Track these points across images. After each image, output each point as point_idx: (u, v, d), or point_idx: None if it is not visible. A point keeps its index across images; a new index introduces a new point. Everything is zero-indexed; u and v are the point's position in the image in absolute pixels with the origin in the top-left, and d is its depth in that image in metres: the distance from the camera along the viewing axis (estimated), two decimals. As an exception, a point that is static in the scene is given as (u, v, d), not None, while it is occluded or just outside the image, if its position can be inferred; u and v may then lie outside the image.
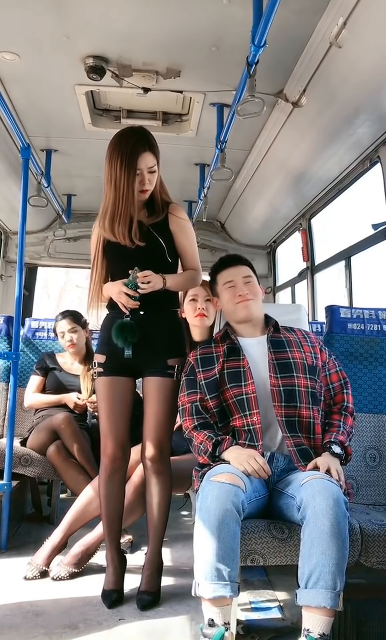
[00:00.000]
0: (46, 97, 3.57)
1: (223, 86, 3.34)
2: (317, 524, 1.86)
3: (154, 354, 2.52)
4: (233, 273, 2.48)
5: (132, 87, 3.34)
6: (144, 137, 2.46)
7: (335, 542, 1.84)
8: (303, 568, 1.86)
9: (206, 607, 1.87)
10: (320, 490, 1.91)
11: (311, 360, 2.37)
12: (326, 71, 2.94)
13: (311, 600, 1.81)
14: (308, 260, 4.83)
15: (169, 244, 2.55)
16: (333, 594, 1.80)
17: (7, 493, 3.11)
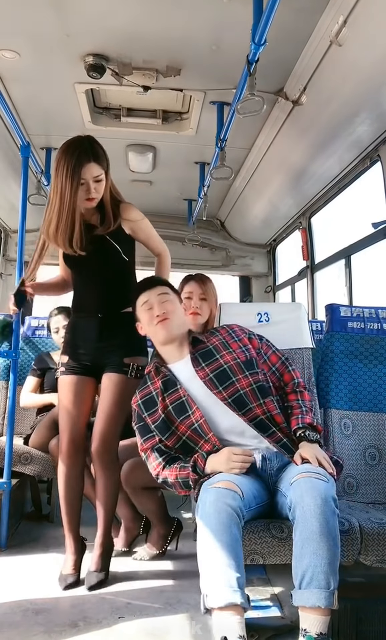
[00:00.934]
0: (46, 95, 3.57)
1: (223, 84, 3.33)
2: (306, 524, 1.86)
3: (112, 353, 2.68)
4: (147, 294, 2.45)
5: (132, 85, 3.34)
6: (89, 147, 2.53)
7: (326, 541, 1.83)
8: (296, 569, 1.86)
9: (218, 620, 1.81)
10: (308, 490, 1.90)
11: (244, 355, 2.35)
12: (327, 69, 2.94)
13: (306, 600, 1.81)
14: (308, 259, 4.83)
15: (124, 244, 2.71)
16: (327, 593, 1.80)
17: (7, 491, 3.11)
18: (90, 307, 2.76)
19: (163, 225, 5.80)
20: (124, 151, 4.39)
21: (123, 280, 2.75)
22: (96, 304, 2.75)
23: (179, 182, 5.02)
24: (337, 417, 2.80)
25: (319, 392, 2.83)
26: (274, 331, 2.83)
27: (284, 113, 3.48)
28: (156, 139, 4.20)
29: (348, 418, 2.82)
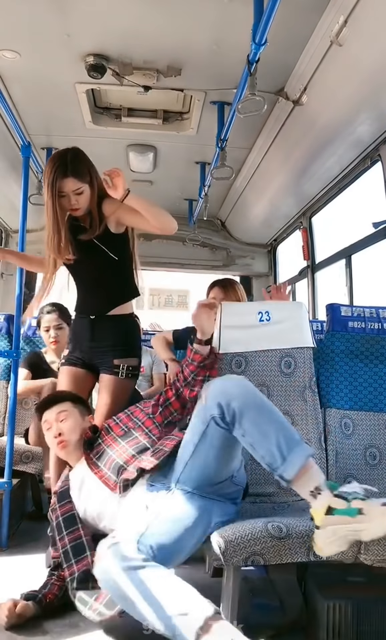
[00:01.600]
0: (47, 95, 3.57)
1: (224, 84, 3.34)
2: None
3: (104, 354, 2.83)
4: (48, 414, 2.50)
5: (133, 85, 3.34)
6: (70, 161, 2.64)
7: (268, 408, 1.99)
8: (269, 448, 1.91)
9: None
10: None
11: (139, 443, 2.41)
12: (327, 69, 2.94)
13: (300, 459, 1.89)
14: (308, 259, 4.83)
15: (112, 244, 2.78)
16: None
17: (8, 491, 3.12)
18: (85, 308, 2.92)
19: (164, 225, 5.80)
20: (124, 151, 4.39)
21: (113, 281, 2.86)
22: (89, 306, 2.91)
23: (179, 182, 5.02)
24: (338, 417, 2.80)
25: (320, 391, 2.83)
26: (275, 330, 2.84)
27: (285, 113, 3.49)
28: (157, 139, 4.20)
29: (349, 418, 2.82)
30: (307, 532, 2.04)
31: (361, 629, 2.12)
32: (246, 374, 2.82)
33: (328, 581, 2.30)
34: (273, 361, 2.83)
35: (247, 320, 2.87)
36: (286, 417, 2.68)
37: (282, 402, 2.78)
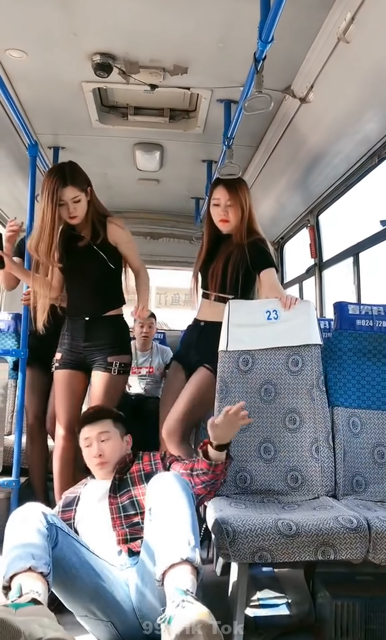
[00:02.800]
0: (53, 95, 3.57)
1: (230, 82, 3.33)
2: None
3: (98, 352, 3.05)
4: (90, 431, 2.48)
5: (139, 84, 3.34)
6: (68, 172, 2.94)
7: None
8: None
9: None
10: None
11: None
12: (334, 67, 2.93)
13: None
14: (315, 257, 4.81)
15: (110, 255, 3.07)
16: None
17: (16, 489, 3.13)
18: (78, 310, 3.14)
19: (170, 224, 5.81)
20: (131, 150, 4.39)
21: (109, 286, 3.14)
22: (83, 308, 3.13)
23: (186, 181, 5.02)
24: (345, 416, 2.79)
25: (328, 390, 2.82)
26: (283, 328, 2.84)
27: (292, 110, 3.48)
28: (163, 138, 4.20)
29: (357, 416, 2.81)
30: (316, 532, 2.04)
31: (369, 628, 2.12)
32: (253, 371, 2.82)
33: (337, 580, 2.30)
34: (281, 359, 2.83)
35: (255, 318, 2.87)
36: (294, 415, 2.71)
37: (289, 400, 2.78)
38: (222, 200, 3.13)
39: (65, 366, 3.12)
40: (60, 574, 1.92)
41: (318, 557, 2.06)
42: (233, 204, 3.12)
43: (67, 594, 2.01)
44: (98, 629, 2.07)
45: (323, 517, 2.12)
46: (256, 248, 3.11)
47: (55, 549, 1.92)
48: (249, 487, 2.67)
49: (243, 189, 3.18)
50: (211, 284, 3.14)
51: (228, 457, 2.27)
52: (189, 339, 3.23)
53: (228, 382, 2.80)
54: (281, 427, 2.76)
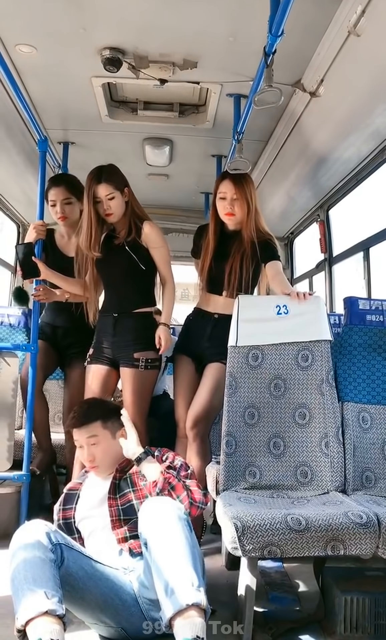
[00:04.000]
0: (63, 90, 3.57)
1: (240, 77, 3.32)
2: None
3: (125, 348, 3.10)
4: (77, 434, 2.41)
5: (149, 78, 3.33)
6: (99, 173, 3.10)
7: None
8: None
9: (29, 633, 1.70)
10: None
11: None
12: (345, 60, 2.91)
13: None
14: (325, 252, 4.80)
15: (141, 255, 3.14)
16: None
17: (26, 483, 3.15)
18: (109, 307, 3.23)
19: (180, 219, 5.80)
20: (140, 145, 4.39)
21: (139, 286, 3.18)
22: (113, 304, 3.21)
23: (196, 175, 5.01)
24: (355, 411, 2.79)
25: (338, 385, 2.82)
26: (293, 323, 2.84)
27: (302, 105, 3.46)
28: (173, 132, 4.19)
29: (367, 412, 2.80)
30: (326, 527, 2.04)
31: (379, 623, 2.12)
32: (263, 367, 2.82)
33: (346, 575, 2.30)
34: (290, 354, 2.83)
35: (264, 313, 2.87)
36: (304, 410, 2.71)
37: (299, 395, 2.78)
38: (228, 194, 3.13)
39: (95, 361, 3.18)
40: (68, 590, 1.89)
41: (328, 553, 2.06)
42: (239, 198, 3.12)
43: (77, 607, 1.99)
44: (109, 634, 2.07)
45: (332, 513, 2.12)
46: (268, 246, 3.18)
47: (61, 567, 1.88)
48: (259, 482, 2.67)
49: (249, 184, 3.19)
50: (229, 281, 3.14)
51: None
52: (200, 331, 3.22)
53: (237, 377, 2.80)
54: (291, 422, 2.76)
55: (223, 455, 2.69)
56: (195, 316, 3.31)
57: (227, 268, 3.14)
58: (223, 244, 3.21)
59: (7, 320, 4.00)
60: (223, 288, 3.17)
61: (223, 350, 2.90)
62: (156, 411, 3.62)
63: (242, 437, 2.73)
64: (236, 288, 3.12)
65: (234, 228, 3.21)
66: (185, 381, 3.24)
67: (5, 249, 5.47)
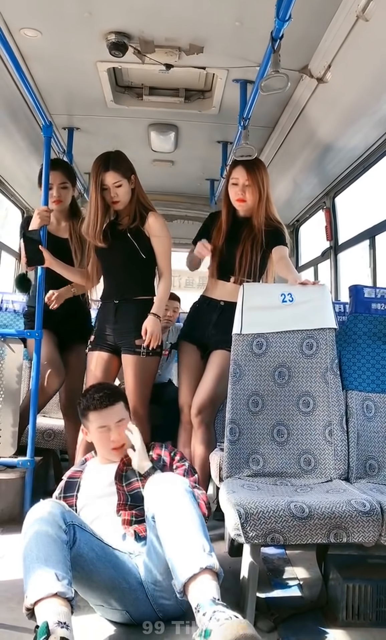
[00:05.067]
0: (68, 74, 3.55)
1: (247, 62, 3.29)
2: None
3: (126, 335, 3.10)
4: (104, 419, 2.41)
5: (155, 63, 3.30)
6: (107, 160, 3.10)
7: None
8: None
9: (37, 613, 1.70)
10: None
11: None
12: (353, 46, 2.88)
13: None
14: (331, 240, 4.78)
15: (143, 244, 3.14)
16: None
17: (31, 469, 3.17)
18: (110, 294, 3.23)
19: (185, 206, 5.78)
20: (146, 131, 4.37)
21: (139, 274, 3.18)
22: (114, 292, 3.22)
23: (201, 162, 4.99)
24: (359, 399, 2.78)
25: (342, 373, 2.82)
26: (298, 311, 2.83)
27: (309, 90, 3.43)
28: (178, 118, 4.16)
29: (371, 400, 2.80)
30: (329, 515, 2.05)
31: (380, 610, 2.13)
32: (267, 355, 2.82)
33: (348, 563, 2.31)
34: (295, 342, 2.82)
35: (269, 301, 2.86)
36: (308, 398, 2.71)
37: (303, 383, 2.78)
38: (241, 180, 3.12)
39: (97, 347, 3.20)
40: (78, 572, 1.91)
41: (331, 540, 2.07)
42: (251, 184, 3.11)
43: (85, 588, 2.01)
44: (113, 616, 2.09)
45: (335, 500, 2.12)
46: (276, 232, 3.19)
47: (73, 547, 1.90)
48: (262, 470, 2.67)
49: (262, 171, 3.18)
50: (240, 266, 3.14)
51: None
52: (206, 318, 3.22)
53: (241, 365, 2.80)
54: (295, 410, 2.76)
55: (226, 442, 2.70)
56: (201, 303, 3.32)
57: (238, 253, 3.15)
58: (234, 230, 3.21)
59: (11, 307, 4.01)
60: (232, 274, 3.17)
61: (228, 338, 2.90)
62: (159, 398, 3.63)
63: (246, 424, 2.73)
64: (246, 275, 3.12)
65: (244, 215, 3.21)
66: (189, 368, 3.25)
67: (9, 236, 5.48)
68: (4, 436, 3.18)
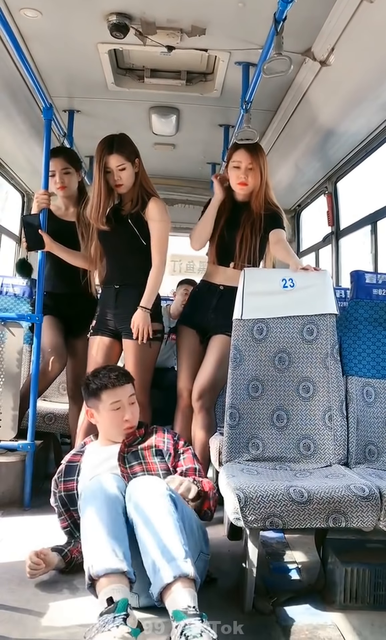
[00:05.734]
0: (69, 56, 3.51)
1: (249, 44, 3.25)
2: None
3: (126, 320, 3.06)
4: (117, 393, 2.41)
5: (156, 45, 3.27)
6: (111, 142, 3.07)
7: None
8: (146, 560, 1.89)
9: (102, 587, 1.78)
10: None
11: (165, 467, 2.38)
12: (357, 28, 2.84)
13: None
14: (333, 225, 4.77)
15: (142, 230, 3.10)
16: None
17: (31, 452, 3.18)
18: (111, 279, 3.21)
19: (186, 190, 5.75)
20: (147, 113, 4.33)
21: (139, 260, 3.12)
22: (114, 276, 3.19)
23: (202, 145, 4.96)
24: (359, 385, 2.79)
25: (342, 359, 2.82)
26: (299, 297, 2.82)
27: (312, 74, 3.40)
28: (180, 101, 4.13)
29: (371, 386, 2.80)
30: (328, 499, 2.06)
31: (378, 594, 2.15)
32: (268, 340, 2.81)
33: (347, 547, 2.32)
34: (295, 328, 2.82)
35: (270, 287, 2.86)
36: (308, 383, 2.71)
37: (303, 369, 2.78)
38: (243, 164, 3.10)
39: (98, 332, 3.19)
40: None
41: (329, 525, 2.08)
42: (253, 167, 3.10)
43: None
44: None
45: (335, 485, 2.13)
46: (274, 216, 3.17)
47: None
48: (262, 455, 2.68)
49: (262, 154, 3.17)
50: (240, 250, 3.13)
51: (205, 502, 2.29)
52: (206, 303, 3.22)
53: (242, 351, 2.80)
54: (295, 396, 2.76)
55: (226, 427, 2.71)
56: (201, 288, 3.31)
57: (238, 237, 3.13)
58: (233, 214, 3.19)
59: (11, 291, 3.99)
60: (232, 259, 3.16)
61: (228, 322, 2.90)
62: (160, 383, 3.63)
63: (246, 409, 2.74)
64: (246, 259, 3.10)
65: (243, 199, 3.19)
66: (189, 353, 3.25)
67: (9, 219, 5.45)
68: (4, 420, 3.19)
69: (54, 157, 3.46)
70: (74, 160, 3.56)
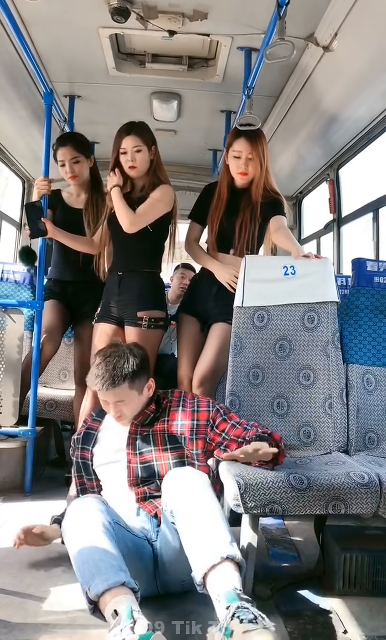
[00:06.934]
0: (69, 41, 3.48)
1: (252, 29, 3.22)
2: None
3: (129, 307, 3.08)
4: (104, 396, 2.30)
5: (158, 30, 3.24)
6: (130, 125, 3.06)
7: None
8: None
9: (106, 605, 1.71)
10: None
11: (178, 454, 2.30)
12: (360, 13, 2.81)
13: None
14: (334, 212, 4.75)
15: None
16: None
17: (32, 439, 3.19)
18: (115, 266, 3.20)
19: (187, 176, 5.72)
20: (148, 99, 4.31)
21: (144, 246, 3.09)
22: (119, 263, 3.17)
23: (204, 132, 4.93)
24: (360, 373, 2.79)
25: (343, 347, 2.82)
26: (300, 284, 2.82)
27: (315, 59, 3.37)
28: (181, 86, 4.10)
29: (371, 373, 2.81)
30: (328, 486, 2.07)
31: (377, 580, 2.16)
32: (268, 327, 2.82)
33: (346, 533, 2.34)
34: (296, 315, 2.82)
35: (272, 274, 2.85)
36: (308, 371, 2.71)
37: (304, 356, 2.78)
38: (244, 153, 3.05)
39: (102, 319, 3.18)
40: None
41: (329, 511, 2.09)
42: (254, 158, 3.06)
43: None
44: None
45: (334, 472, 2.14)
46: (274, 203, 3.13)
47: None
48: (262, 442, 2.69)
49: (263, 141, 3.11)
50: (239, 237, 3.10)
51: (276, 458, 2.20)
52: (206, 290, 3.21)
53: (242, 338, 2.80)
54: (295, 383, 2.77)
55: (226, 414, 2.71)
56: (201, 276, 3.30)
57: (238, 223, 3.11)
58: (233, 201, 3.18)
59: (12, 277, 3.99)
60: (232, 245, 3.14)
61: (228, 310, 2.89)
62: (160, 369, 3.63)
63: (246, 397, 2.75)
64: (246, 245, 3.09)
65: (243, 186, 3.17)
66: (189, 341, 3.24)
67: (10, 206, 5.44)
68: (5, 406, 3.20)
69: (62, 147, 3.41)
70: (83, 148, 3.48)
